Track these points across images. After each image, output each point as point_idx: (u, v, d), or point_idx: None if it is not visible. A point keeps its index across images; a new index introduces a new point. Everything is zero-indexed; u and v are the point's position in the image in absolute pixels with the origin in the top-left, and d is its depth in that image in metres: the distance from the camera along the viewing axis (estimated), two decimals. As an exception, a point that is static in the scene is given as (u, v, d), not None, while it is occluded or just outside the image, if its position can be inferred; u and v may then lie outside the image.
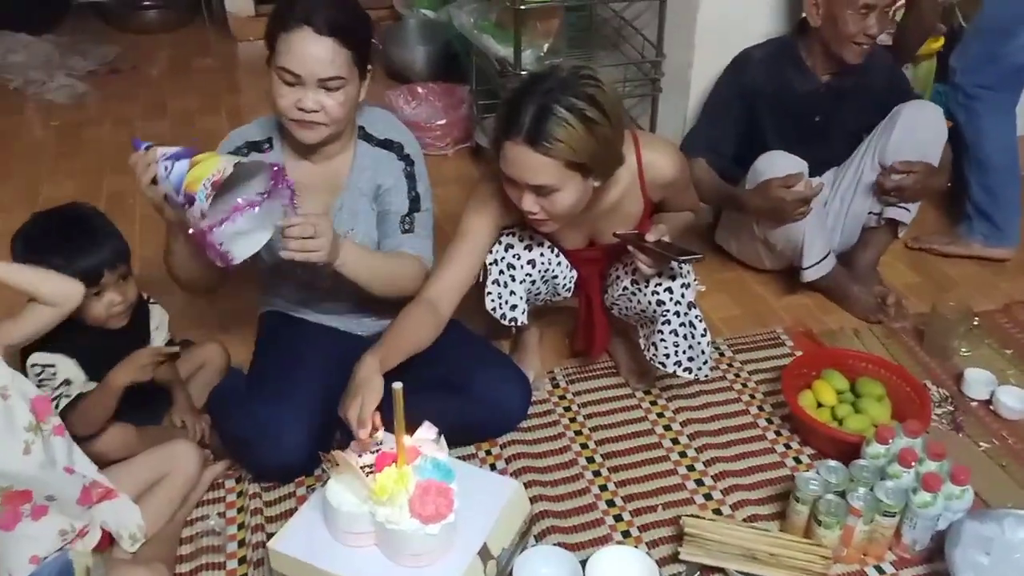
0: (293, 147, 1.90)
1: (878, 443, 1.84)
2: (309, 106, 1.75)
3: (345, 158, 1.93)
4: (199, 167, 1.59)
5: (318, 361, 1.96)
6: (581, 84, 1.66)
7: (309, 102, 1.75)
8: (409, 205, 1.95)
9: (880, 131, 2.51)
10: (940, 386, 2.27)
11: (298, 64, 1.72)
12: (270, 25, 1.77)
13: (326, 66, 1.72)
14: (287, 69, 1.72)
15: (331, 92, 1.75)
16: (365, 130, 1.94)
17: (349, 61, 1.75)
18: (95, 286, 1.75)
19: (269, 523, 1.86)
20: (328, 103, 1.76)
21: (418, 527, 1.50)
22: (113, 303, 1.80)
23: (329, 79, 1.73)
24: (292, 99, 1.75)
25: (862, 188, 2.54)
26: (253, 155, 1.89)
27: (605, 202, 1.91)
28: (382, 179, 1.93)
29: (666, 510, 1.92)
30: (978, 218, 2.80)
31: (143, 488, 1.79)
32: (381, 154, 1.94)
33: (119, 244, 1.82)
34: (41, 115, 3.80)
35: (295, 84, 1.74)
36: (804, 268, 2.47)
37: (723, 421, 2.18)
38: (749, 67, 2.51)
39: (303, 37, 1.71)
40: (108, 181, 3.25)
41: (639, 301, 2.02)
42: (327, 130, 1.81)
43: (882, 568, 1.80)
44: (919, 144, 2.44)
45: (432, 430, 1.66)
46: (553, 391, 2.27)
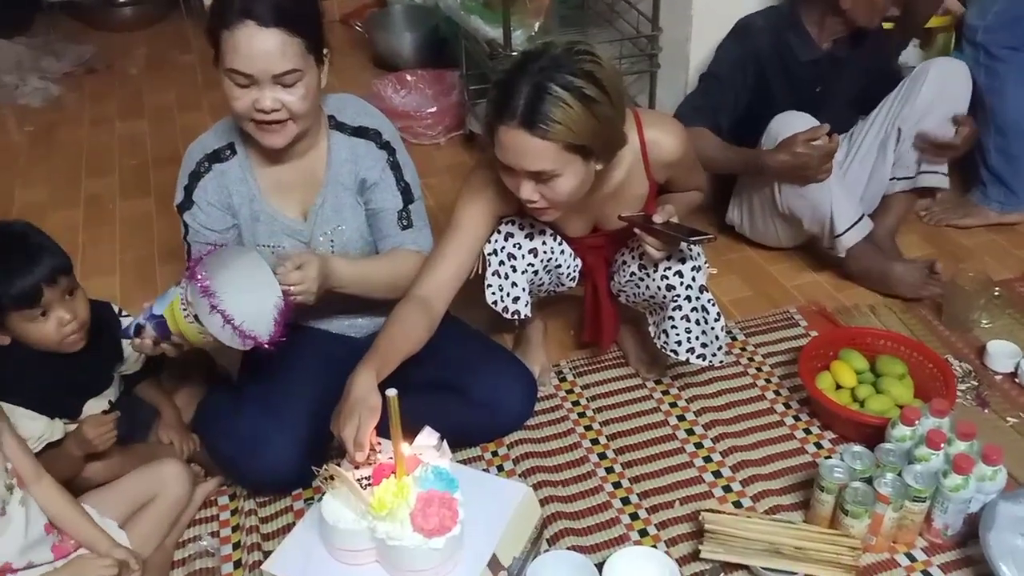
0: (259, 150, 1.78)
1: (904, 425, 1.78)
2: (268, 106, 1.63)
3: (319, 152, 1.82)
4: (187, 335, 1.58)
5: (309, 368, 1.87)
6: (577, 60, 1.56)
7: (267, 101, 1.62)
8: (402, 198, 1.86)
9: (903, 92, 2.46)
10: (962, 360, 2.20)
11: (247, 63, 1.59)
12: (210, 23, 1.63)
13: (278, 60, 1.59)
14: (237, 71, 1.60)
15: (289, 88, 1.63)
16: (336, 119, 1.83)
17: (302, 50, 1.62)
18: (37, 306, 1.61)
19: (266, 540, 1.79)
20: (288, 99, 1.64)
21: (421, 542, 1.42)
22: (63, 322, 1.64)
23: (284, 74, 1.61)
24: (248, 101, 1.63)
25: (884, 152, 2.49)
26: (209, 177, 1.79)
27: (608, 185, 1.82)
28: (365, 172, 1.83)
29: (684, 505, 1.86)
30: (993, 184, 2.73)
31: (130, 512, 1.70)
32: (358, 143, 1.83)
33: (57, 258, 1.64)
34: (15, 120, 3.71)
35: (249, 85, 1.62)
36: (839, 235, 2.38)
37: (739, 408, 2.11)
38: (751, 34, 2.43)
39: (247, 33, 1.58)
40: (86, 184, 3.16)
41: (648, 287, 1.93)
42: (294, 128, 1.69)
43: (913, 556, 1.73)
44: (950, 99, 2.41)
45: (433, 436, 1.58)
46: (560, 385, 2.19)
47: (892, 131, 2.46)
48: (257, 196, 1.80)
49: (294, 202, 1.81)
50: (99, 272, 2.63)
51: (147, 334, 1.61)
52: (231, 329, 1.51)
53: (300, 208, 1.82)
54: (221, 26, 1.59)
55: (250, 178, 1.79)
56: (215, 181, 1.79)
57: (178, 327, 1.57)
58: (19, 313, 1.60)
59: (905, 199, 2.56)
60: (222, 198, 1.79)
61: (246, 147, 1.79)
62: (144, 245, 2.77)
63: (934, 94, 2.40)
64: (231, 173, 1.79)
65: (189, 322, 1.55)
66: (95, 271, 2.62)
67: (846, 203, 2.37)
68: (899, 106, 2.45)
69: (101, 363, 1.74)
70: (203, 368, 2.08)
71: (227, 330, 1.51)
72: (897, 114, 2.45)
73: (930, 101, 2.40)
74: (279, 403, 1.79)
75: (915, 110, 2.41)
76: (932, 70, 2.42)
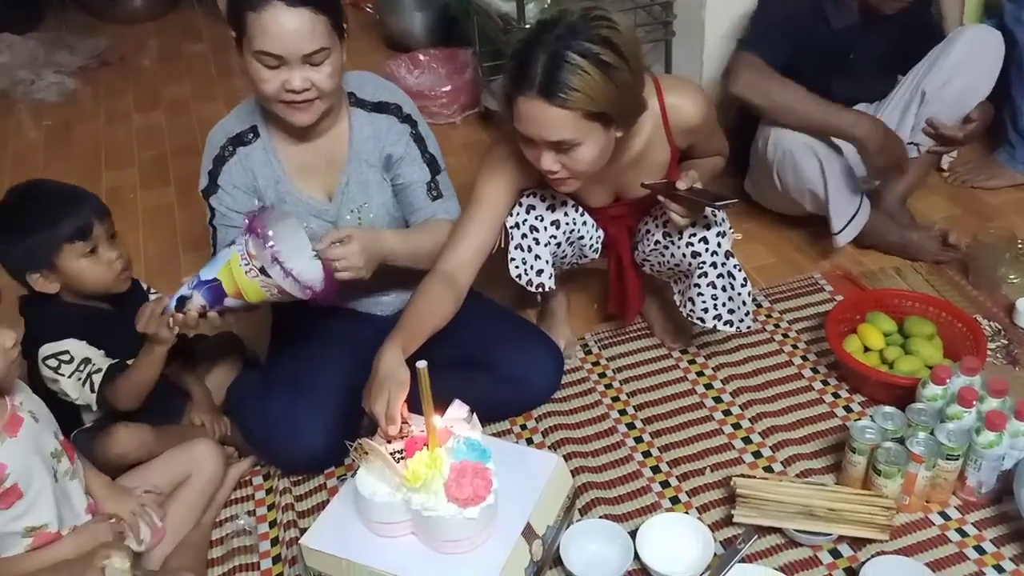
0: (283, 130, 1.78)
1: (935, 384, 1.76)
2: (298, 86, 1.63)
3: (340, 131, 1.81)
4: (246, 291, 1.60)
5: (336, 347, 1.88)
6: (594, 26, 1.55)
7: (297, 81, 1.62)
8: (429, 170, 1.86)
9: (933, 56, 2.38)
10: (991, 319, 2.18)
11: (277, 44, 1.58)
12: (234, 6, 1.63)
13: (308, 40, 1.59)
14: (267, 52, 1.59)
15: (318, 66, 1.63)
16: (356, 96, 1.82)
17: (328, 27, 1.62)
18: (88, 240, 1.67)
19: (301, 518, 1.80)
20: (317, 77, 1.64)
21: (456, 512, 1.42)
22: (112, 260, 1.70)
23: (314, 53, 1.61)
24: (278, 82, 1.63)
25: (906, 115, 2.43)
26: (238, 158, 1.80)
27: (629, 153, 1.80)
28: (391, 148, 1.83)
29: (714, 472, 1.85)
30: (1022, 146, 2.67)
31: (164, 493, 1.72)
32: (379, 119, 1.83)
33: (97, 200, 1.74)
34: (32, 115, 3.72)
35: (278, 66, 1.61)
36: (836, 233, 2.34)
37: (766, 375, 2.10)
38: None
39: (275, 13, 1.57)
40: (106, 177, 3.17)
41: (672, 255, 1.92)
42: (321, 105, 1.69)
43: (947, 514, 1.73)
44: (979, 65, 2.34)
45: (463, 408, 1.58)
46: (586, 358, 2.19)
47: (916, 94, 2.40)
48: (282, 178, 1.81)
49: (319, 182, 1.82)
50: None
51: (193, 304, 1.62)
52: (292, 279, 1.55)
53: (325, 188, 1.83)
54: (246, 7, 1.58)
55: (274, 160, 1.79)
56: (239, 164, 1.79)
57: (236, 285, 1.59)
58: (72, 247, 1.65)
59: (919, 166, 2.50)
60: (247, 181, 1.79)
61: (268, 129, 1.79)
62: (166, 235, 2.78)
63: (963, 59, 2.32)
64: (255, 156, 1.79)
65: (252, 277, 1.57)
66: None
67: (841, 198, 2.32)
68: (926, 70, 2.38)
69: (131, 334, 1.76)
70: (234, 351, 2.09)
71: (289, 281, 1.55)
72: (924, 77, 2.38)
73: (957, 65, 2.32)
74: (308, 383, 1.80)
75: (942, 72, 2.34)
76: (964, 35, 2.35)
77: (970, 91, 2.37)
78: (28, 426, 1.45)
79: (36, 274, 1.67)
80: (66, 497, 1.53)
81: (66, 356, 1.69)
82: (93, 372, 1.70)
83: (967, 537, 1.68)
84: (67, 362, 1.69)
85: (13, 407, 1.45)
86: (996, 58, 2.36)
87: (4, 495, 1.42)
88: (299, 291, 1.58)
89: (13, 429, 1.43)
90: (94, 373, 1.70)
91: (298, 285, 1.57)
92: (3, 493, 1.41)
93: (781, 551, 1.66)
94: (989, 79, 2.37)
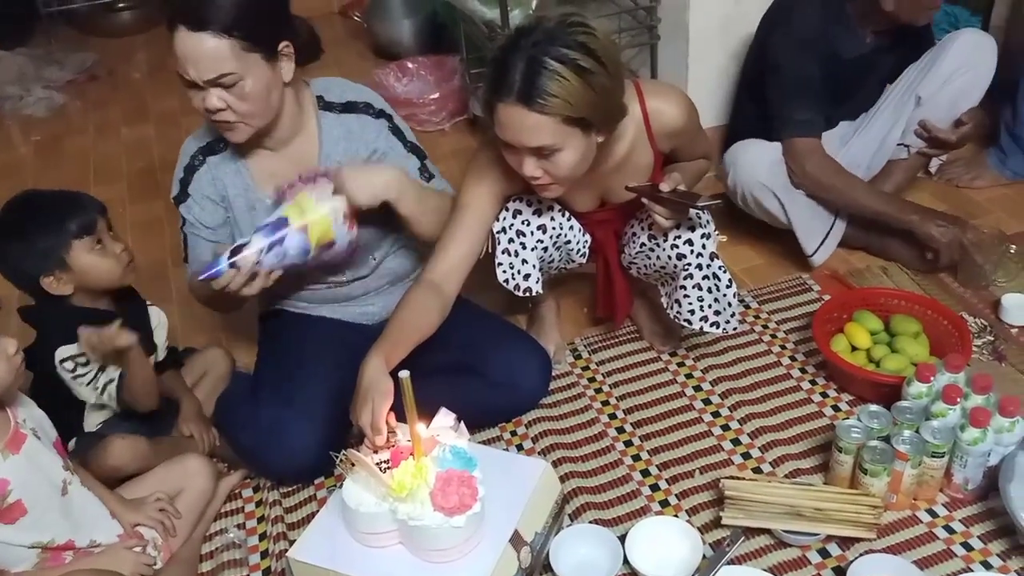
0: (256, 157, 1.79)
1: (919, 382, 1.77)
2: (214, 105, 1.61)
3: (309, 135, 1.81)
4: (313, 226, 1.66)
5: (324, 357, 1.88)
6: (570, 32, 1.55)
7: (212, 101, 1.61)
8: (416, 157, 1.87)
9: (927, 60, 2.38)
10: (977, 316, 2.19)
11: (183, 68, 1.58)
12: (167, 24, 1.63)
13: (208, 64, 1.56)
14: (180, 74, 1.60)
15: (229, 89, 1.61)
16: (324, 99, 1.82)
17: (236, 51, 1.57)
18: (94, 234, 1.72)
19: (291, 530, 1.80)
20: (231, 99, 1.62)
21: (442, 521, 1.43)
22: (118, 252, 1.77)
23: (218, 78, 1.58)
24: (198, 102, 1.63)
25: (898, 118, 2.43)
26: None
27: (612, 158, 1.81)
28: (373, 143, 1.83)
29: (704, 474, 1.86)
30: (1015, 154, 2.66)
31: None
32: (350, 119, 1.82)
33: (92, 197, 1.81)
34: (21, 131, 3.71)
35: (192, 87, 1.62)
36: (810, 256, 2.37)
37: (755, 375, 2.11)
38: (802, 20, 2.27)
39: (181, 38, 1.56)
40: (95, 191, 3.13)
41: (658, 257, 1.92)
42: (246, 128, 1.68)
43: (935, 511, 1.73)
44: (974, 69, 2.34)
45: (449, 417, 1.58)
46: (576, 363, 2.19)
47: (910, 98, 2.39)
48: (251, 186, 1.81)
49: None
50: None
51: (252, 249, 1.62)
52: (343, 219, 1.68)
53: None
54: (168, 28, 1.59)
55: (243, 169, 1.80)
56: (209, 174, 1.80)
57: (304, 219, 1.66)
58: (80, 242, 1.71)
59: (906, 167, 2.51)
60: (217, 190, 1.81)
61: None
62: (155, 249, 2.78)
63: (959, 63, 2.33)
64: (224, 165, 1.80)
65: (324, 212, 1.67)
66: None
67: (809, 225, 2.33)
68: (921, 74, 2.38)
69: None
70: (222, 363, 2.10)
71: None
72: (919, 82, 2.38)
73: (953, 70, 2.33)
74: (295, 392, 1.80)
75: (937, 76, 2.34)
76: (959, 39, 2.35)
77: (964, 95, 2.37)
78: (31, 443, 1.46)
79: (50, 276, 1.71)
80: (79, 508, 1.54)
81: (82, 358, 1.71)
82: (108, 383, 1.74)
83: (954, 534, 1.68)
84: (83, 364, 1.72)
85: (16, 424, 1.46)
86: (991, 62, 2.37)
87: (7, 511, 1.43)
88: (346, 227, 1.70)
89: (15, 446, 1.44)
90: (108, 384, 1.74)
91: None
92: (6, 509, 1.42)
93: (770, 552, 1.67)
94: (983, 83, 2.38)
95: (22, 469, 1.44)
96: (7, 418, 1.45)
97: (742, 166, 2.31)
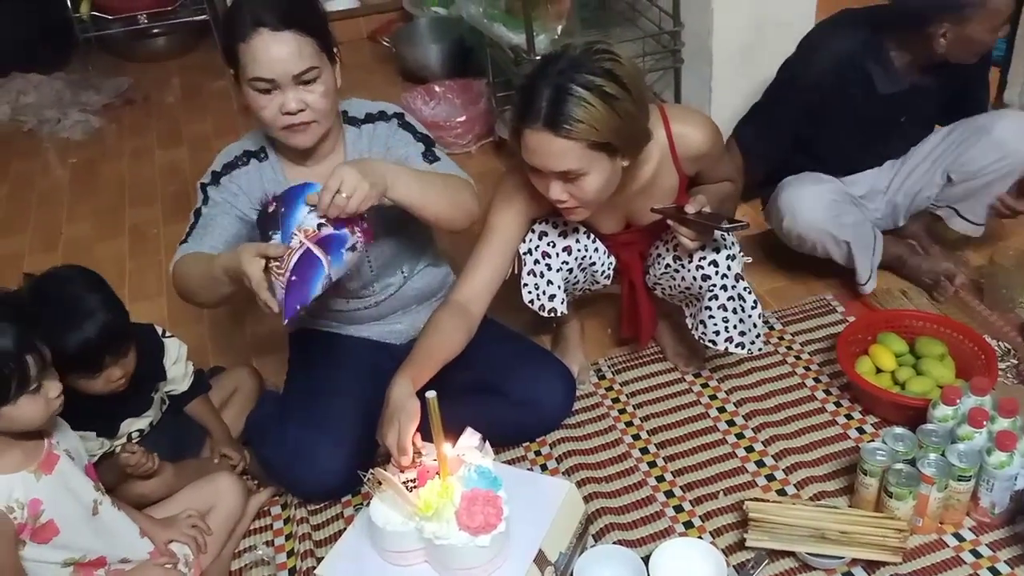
0: (288, 156, 1.82)
1: (945, 404, 1.76)
2: (293, 107, 1.67)
3: (338, 152, 1.85)
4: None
5: (352, 377, 1.91)
6: (596, 59, 1.58)
7: (292, 103, 1.66)
8: (424, 144, 1.86)
9: (963, 136, 2.30)
10: (1001, 340, 2.18)
11: (267, 69, 1.63)
12: (224, 41, 1.69)
13: (296, 61, 1.64)
14: (259, 77, 1.64)
15: (310, 85, 1.67)
16: (348, 114, 1.86)
17: (315, 48, 1.67)
18: (95, 370, 1.64)
19: (319, 547, 1.83)
20: (310, 98, 1.68)
21: (468, 540, 1.44)
22: (111, 378, 1.67)
23: (304, 72, 1.65)
24: (275, 107, 1.67)
25: (930, 186, 2.37)
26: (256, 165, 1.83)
27: (638, 181, 1.83)
28: (386, 141, 1.84)
29: (728, 496, 1.86)
30: None
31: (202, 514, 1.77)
32: (369, 128, 1.86)
33: (115, 323, 1.64)
34: (58, 154, 3.80)
35: (272, 91, 1.66)
36: (862, 284, 2.34)
37: (779, 397, 2.11)
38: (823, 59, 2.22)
39: (263, 40, 1.62)
40: (129, 214, 3.24)
41: (683, 278, 1.94)
42: (319, 128, 1.73)
43: (962, 535, 1.72)
44: (1015, 158, 2.25)
45: (475, 436, 1.60)
46: (600, 383, 2.20)
47: (940, 175, 2.33)
48: None
49: None
50: (145, 297, 2.69)
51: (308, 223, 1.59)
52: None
53: None
54: (236, 40, 1.64)
55: (283, 179, 1.83)
56: (250, 175, 1.82)
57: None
58: (76, 375, 1.62)
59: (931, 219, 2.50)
60: (253, 190, 1.81)
61: (276, 153, 1.83)
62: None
63: (998, 154, 2.24)
64: (266, 173, 1.83)
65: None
66: (141, 296, 2.69)
67: (865, 256, 2.30)
68: (955, 151, 2.30)
69: (141, 386, 1.78)
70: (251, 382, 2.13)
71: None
72: (952, 160, 2.30)
73: (992, 161, 2.24)
74: (324, 412, 1.83)
75: (972, 163, 2.27)
76: (1000, 126, 2.24)
77: (1000, 182, 2.29)
78: (63, 464, 1.49)
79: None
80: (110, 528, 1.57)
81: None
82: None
83: (981, 558, 1.68)
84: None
85: (50, 445, 1.49)
86: None
87: (40, 531, 1.45)
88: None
89: (49, 467, 1.47)
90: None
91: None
92: (39, 528, 1.45)
93: (794, 575, 1.67)
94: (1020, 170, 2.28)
95: (55, 489, 1.47)
96: (41, 440, 1.49)
97: (801, 213, 2.23)
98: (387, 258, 1.91)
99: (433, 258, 2.04)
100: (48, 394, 1.41)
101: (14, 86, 4.20)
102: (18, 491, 1.42)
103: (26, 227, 3.25)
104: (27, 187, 3.55)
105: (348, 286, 1.91)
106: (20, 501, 1.42)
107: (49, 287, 1.63)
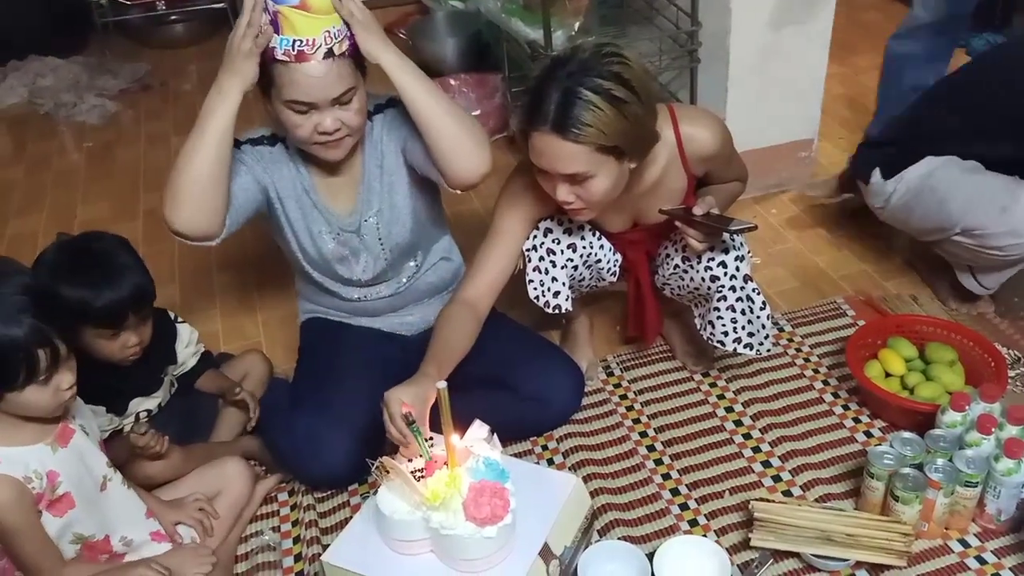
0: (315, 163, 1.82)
1: (954, 410, 1.76)
2: (330, 127, 1.68)
3: (359, 151, 1.86)
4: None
5: (362, 366, 1.91)
6: (605, 62, 1.58)
7: (329, 123, 1.67)
8: None
9: None
10: (1011, 347, 2.17)
11: (306, 93, 1.63)
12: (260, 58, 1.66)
13: (336, 84, 1.64)
14: (297, 101, 1.64)
15: (346, 105, 1.68)
16: None
17: (352, 67, 1.67)
18: (117, 328, 1.70)
19: (325, 535, 1.83)
20: (346, 116, 1.69)
21: (474, 531, 1.45)
22: (127, 344, 1.73)
23: (343, 94, 1.66)
24: (310, 126, 1.68)
25: None
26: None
27: (645, 182, 1.84)
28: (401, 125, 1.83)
29: (733, 495, 1.86)
30: None
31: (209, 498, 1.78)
32: (379, 118, 1.86)
33: (146, 283, 1.75)
34: (74, 137, 3.82)
35: (308, 111, 1.66)
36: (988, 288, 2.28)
37: (787, 399, 2.11)
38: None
39: (311, 67, 1.61)
40: (144, 199, 3.25)
41: (692, 279, 1.94)
42: (351, 141, 1.75)
43: (967, 541, 1.72)
44: None
45: (483, 428, 1.61)
46: (608, 380, 2.21)
47: None
48: (312, 188, 1.85)
49: (343, 197, 1.86)
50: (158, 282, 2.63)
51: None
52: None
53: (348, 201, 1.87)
54: (273, 60, 1.63)
55: (303, 172, 1.83)
56: (275, 155, 1.82)
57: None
58: (96, 331, 1.68)
59: None
60: (263, 174, 1.80)
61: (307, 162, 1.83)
62: (202, 255, 2.83)
63: None
64: (287, 160, 1.82)
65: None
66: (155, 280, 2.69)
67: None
68: None
69: (152, 366, 1.81)
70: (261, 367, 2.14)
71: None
72: None
73: None
74: (333, 401, 1.84)
75: None
76: None
77: None
78: (78, 438, 1.51)
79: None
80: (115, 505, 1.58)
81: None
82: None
83: (986, 565, 1.67)
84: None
85: (66, 419, 1.51)
86: None
87: (56, 503, 1.47)
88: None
89: (64, 440, 1.49)
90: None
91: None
92: (56, 501, 1.47)
93: (798, 576, 1.68)
94: None
95: (70, 462, 1.49)
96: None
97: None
98: (402, 248, 1.92)
99: (447, 252, 2.05)
100: (59, 385, 1.42)
101: (31, 69, 4.21)
102: (35, 463, 1.43)
103: (42, 207, 3.27)
104: (43, 169, 3.56)
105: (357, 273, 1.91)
106: (38, 472, 1.43)
107: (88, 242, 1.74)
